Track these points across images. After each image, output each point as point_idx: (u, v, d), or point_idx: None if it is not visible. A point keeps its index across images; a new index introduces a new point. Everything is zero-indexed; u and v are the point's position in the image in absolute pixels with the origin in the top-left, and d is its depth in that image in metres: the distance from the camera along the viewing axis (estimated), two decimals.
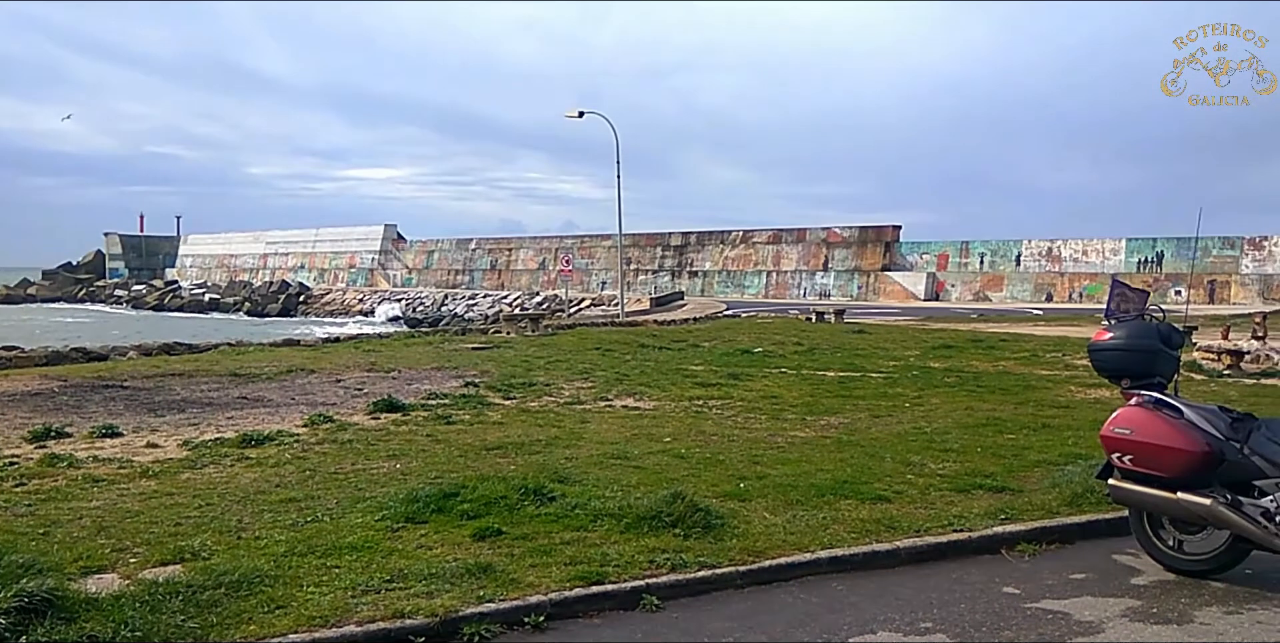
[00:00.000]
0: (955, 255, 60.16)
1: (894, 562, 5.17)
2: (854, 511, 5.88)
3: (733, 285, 67.78)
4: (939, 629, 4.27)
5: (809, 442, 8.21)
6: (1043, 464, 7.21)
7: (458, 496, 5.87)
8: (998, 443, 8.17)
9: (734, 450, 7.76)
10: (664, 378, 12.87)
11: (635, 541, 5.15)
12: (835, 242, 64.39)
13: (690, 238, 72.21)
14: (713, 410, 10.08)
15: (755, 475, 6.78)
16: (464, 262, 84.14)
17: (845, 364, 15.08)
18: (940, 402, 10.82)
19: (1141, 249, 52.85)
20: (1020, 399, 11.09)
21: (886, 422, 9.38)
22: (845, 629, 4.27)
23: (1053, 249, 56.35)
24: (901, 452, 7.72)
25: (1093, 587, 4.88)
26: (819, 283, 63.85)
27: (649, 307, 46.62)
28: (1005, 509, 5.93)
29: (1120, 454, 5.13)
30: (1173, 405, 5.10)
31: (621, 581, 4.62)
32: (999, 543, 5.50)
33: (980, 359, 16.33)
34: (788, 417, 9.65)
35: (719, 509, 5.68)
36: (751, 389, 11.79)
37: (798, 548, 5.14)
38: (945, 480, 6.70)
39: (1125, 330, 5.48)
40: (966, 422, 9.34)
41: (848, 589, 4.79)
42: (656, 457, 7.44)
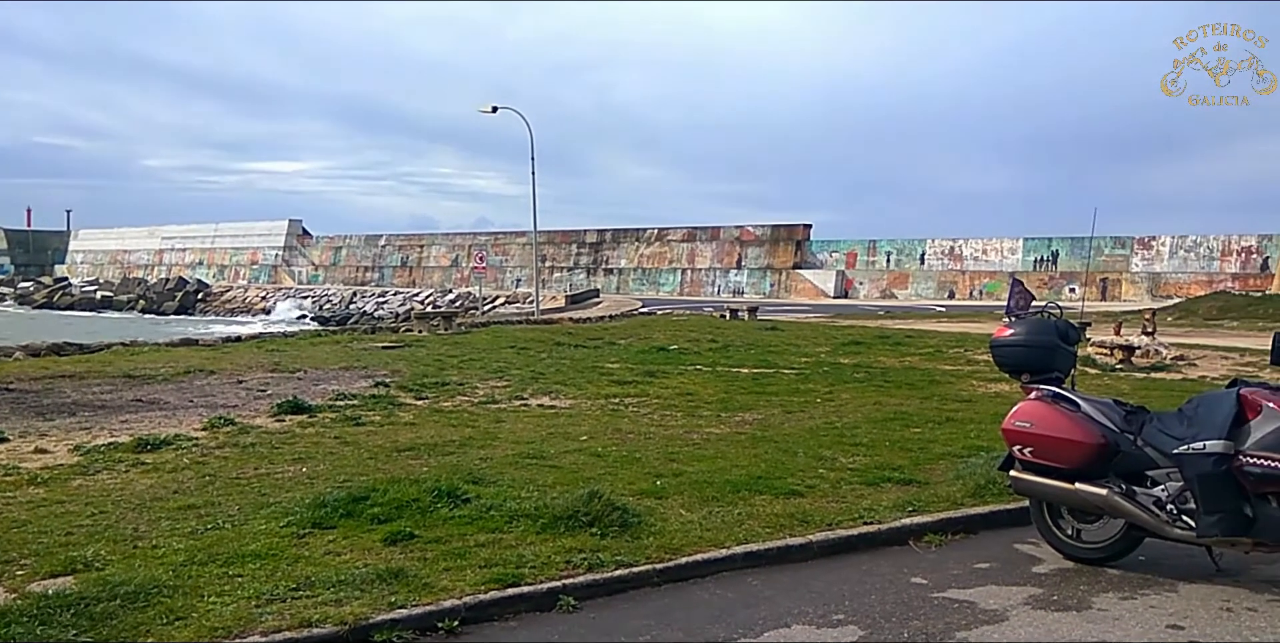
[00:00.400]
0: (863, 254, 61.68)
1: (807, 555, 5.25)
2: (768, 506, 5.95)
3: (648, 283, 68.06)
4: (850, 621, 4.35)
5: (724, 438, 8.28)
6: (947, 457, 7.43)
7: (368, 499, 5.72)
8: (905, 437, 8.39)
9: (651, 448, 7.77)
10: (580, 376, 12.82)
11: (552, 541, 5.11)
12: (748, 240, 65.29)
13: (606, 235, 72.24)
14: (629, 408, 10.08)
15: (672, 473, 6.80)
16: (373, 258, 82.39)
17: (759, 361, 15.28)
18: (850, 397, 11.06)
19: (1038, 248, 55.05)
20: (925, 394, 11.42)
21: (799, 417, 9.54)
22: (760, 624, 4.31)
23: (955, 248, 58.27)
24: (814, 447, 7.85)
25: (996, 576, 5.05)
26: (733, 280, 64.65)
27: (564, 304, 46.45)
28: (913, 501, 6.08)
29: (1021, 447, 5.31)
30: (1070, 399, 5.31)
31: (538, 582, 4.57)
32: (907, 534, 5.63)
33: (888, 355, 16.76)
34: (703, 414, 9.72)
35: (636, 508, 5.67)
36: (667, 386, 11.84)
37: (714, 544, 5.17)
38: (856, 474, 6.84)
39: (1025, 327, 5.69)
40: (875, 416, 9.57)
41: (762, 584, 4.84)
42: (573, 456, 7.40)
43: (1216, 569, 5.06)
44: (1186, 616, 4.44)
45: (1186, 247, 50.10)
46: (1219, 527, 4.65)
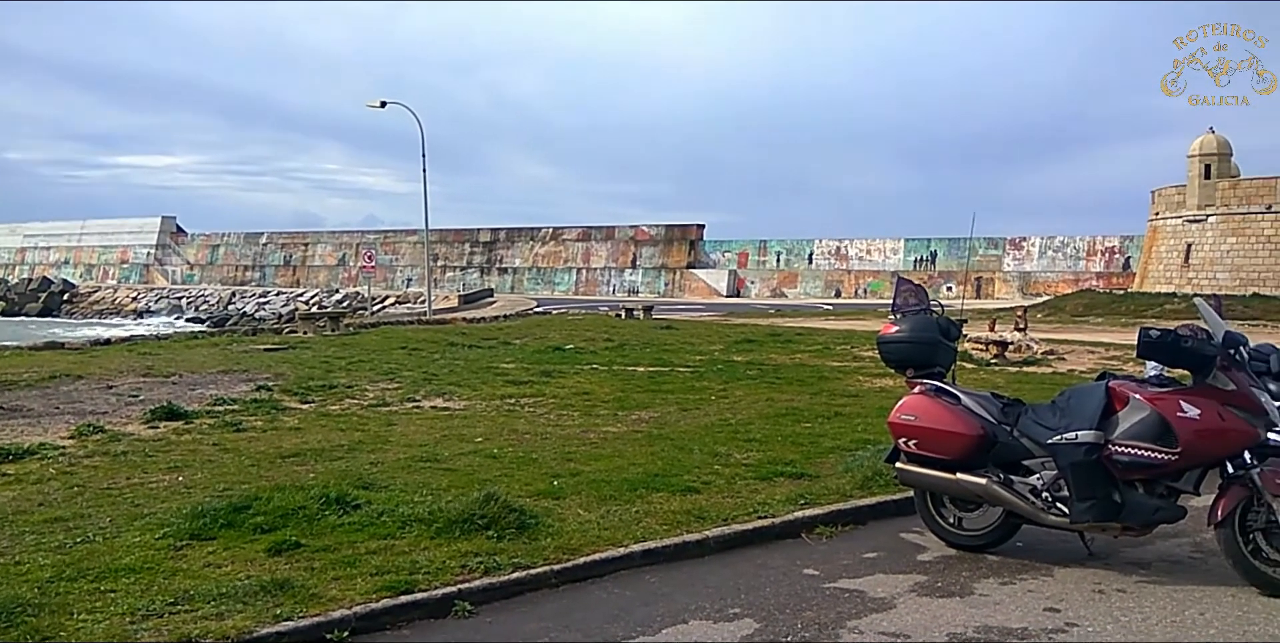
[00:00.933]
0: (754, 254, 62.89)
1: (704, 551, 5.30)
2: (665, 503, 5.97)
3: (543, 282, 67.69)
4: (746, 614, 4.41)
5: (621, 437, 8.29)
6: (837, 450, 7.62)
7: (250, 508, 5.48)
8: (796, 432, 8.57)
9: (547, 448, 7.71)
10: (474, 377, 12.64)
11: (447, 546, 5.00)
12: (643, 240, 65.69)
13: (500, 234, 71.50)
14: (525, 409, 9.99)
15: (569, 473, 6.76)
16: (254, 257, 79.33)
17: (654, 359, 15.38)
18: (744, 394, 11.24)
19: (918, 249, 57.23)
20: (815, 389, 11.71)
21: (694, 414, 9.63)
22: (658, 621, 4.32)
23: (841, 248, 60.03)
24: (709, 443, 7.94)
25: (884, 565, 5.20)
26: (628, 280, 64.93)
27: (458, 304, 45.75)
28: (804, 495, 6.22)
29: (906, 439, 5.49)
30: (951, 393, 5.52)
31: (432, 588, 4.46)
32: (800, 527, 5.75)
33: (779, 352, 17.12)
34: (600, 412, 9.71)
35: (533, 509, 5.62)
36: (564, 386, 11.78)
37: (612, 543, 5.16)
38: (750, 469, 6.95)
39: (909, 324, 5.88)
40: (768, 412, 9.75)
41: (660, 581, 4.86)
42: (468, 458, 7.27)
43: (1089, 553, 5.34)
44: (1062, 598, 4.66)
45: (1055, 247, 52.95)
46: (1091, 513, 4.91)
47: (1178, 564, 5.24)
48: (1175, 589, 4.79)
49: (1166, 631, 4.22)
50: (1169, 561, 5.31)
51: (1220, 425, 4.78)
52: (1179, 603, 4.58)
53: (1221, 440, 4.80)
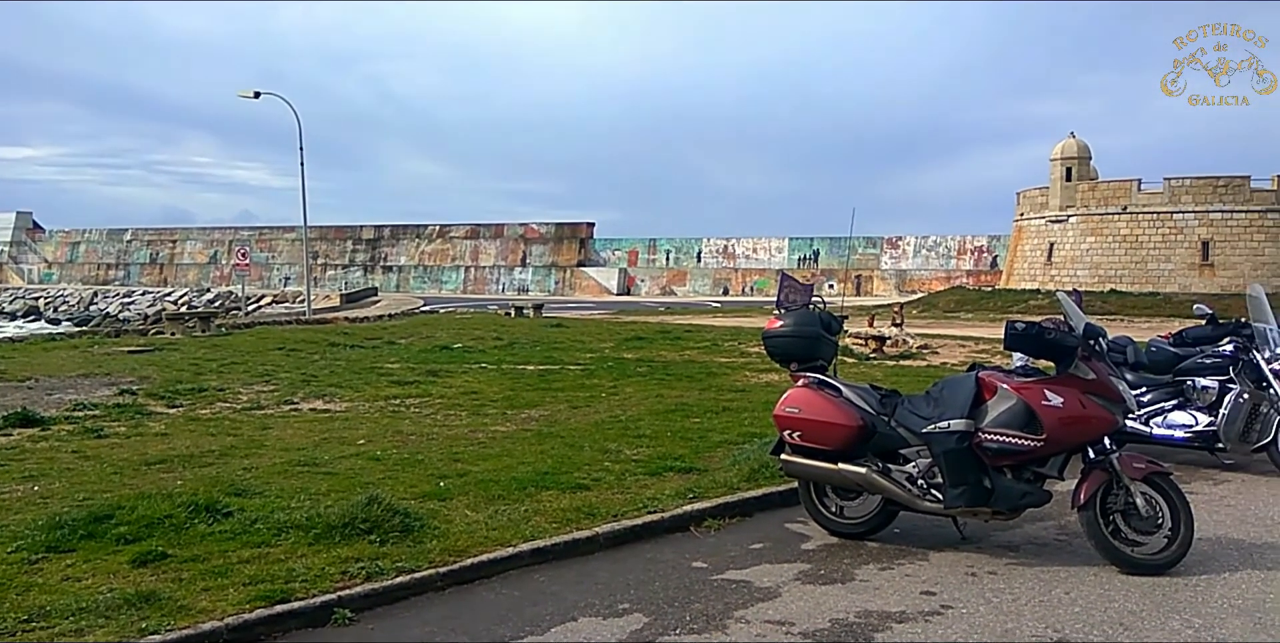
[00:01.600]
0: (644, 252, 63.32)
1: (594, 548, 5.27)
2: (555, 501, 5.92)
3: (430, 281, 66.41)
4: (636, 609, 4.40)
5: (510, 436, 8.19)
6: (724, 444, 7.72)
7: (112, 518, 5.16)
8: (685, 427, 8.64)
9: (434, 449, 7.54)
10: (357, 377, 12.27)
11: (326, 552, 4.82)
12: (533, 238, 65.25)
13: (384, 231, 69.76)
14: (410, 409, 9.75)
15: (456, 473, 6.62)
16: (118, 255, 75.13)
17: (544, 357, 15.28)
18: (634, 391, 11.27)
19: (801, 248, 58.75)
20: (704, 385, 11.85)
21: (585, 412, 9.60)
22: (547, 620, 4.27)
23: (728, 247, 61.06)
24: (599, 440, 7.92)
25: (770, 555, 5.29)
26: (517, 278, 64.37)
27: (340, 303, 44.39)
28: (693, 489, 6.27)
29: (790, 431, 5.60)
30: (833, 385, 5.66)
31: (310, 596, 4.29)
32: (689, 521, 5.79)
33: (668, 349, 17.27)
34: (489, 412, 9.57)
35: (418, 511, 5.48)
36: (451, 386, 11.56)
37: (500, 543, 5.07)
38: (640, 465, 6.96)
39: (793, 319, 6.00)
40: (657, 408, 9.80)
41: (550, 579, 4.81)
42: (349, 461, 7.04)
43: (961, 538, 5.57)
44: (937, 582, 4.84)
45: (928, 246, 55.24)
46: (963, 498, 5.11)
47: (1044, 546, 5.51)
48: (1043, 570, 5.04)
49: (1035, 610, 4.43)
50: (1036, 543, 5.58)
51: (1082, 413, 5.05)
52: (1046, 583, 4.82)
53: (1083, 427, 5.06)
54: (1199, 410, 7.57)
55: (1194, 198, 36.04)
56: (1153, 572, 4.91)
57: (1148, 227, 36.81)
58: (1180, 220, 36.17)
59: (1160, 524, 5.00)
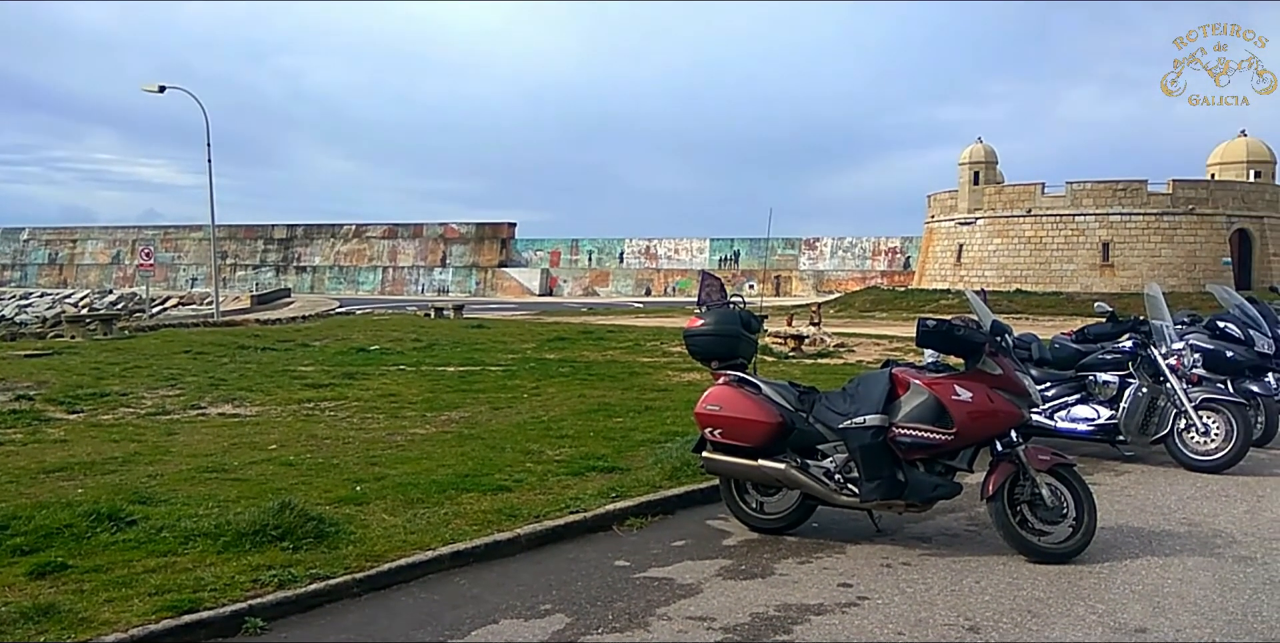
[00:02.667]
0: (566, 253, 63.16)
1: (515, 549, 5.22)
2: (476, 503, 5.85)
3: (346, 281, 65.01)
4: (558, 609, 4.38)
5: (430, 438, 8.06)
6: (647, 443, 7.74)
7: (8, 528, 4.91)
8: (608, 427, 8.64)
9: (350, 453, 7.37)
10: (268, 381, 11.92)
11: (236, 560, 4.67)
12: (453, 237, 64.43)
13: (297, 231, 68.00)
14: (325, 413, 9.52)
15: (373, 477, 6.49)
16: (14, 255, 71.54)
17: (465, 359, 15.09)
18: (556, 391, 11.22)
19: (722, 248, 59.38)
20: (626, 385, 11.87)
21: (506, 413, 9.52)
22: (467, 623, 4.22)
23: (651, 247, 61.34)
24: (521, 441, 7.86)
25: (691, 552, 5.33)
26: (437, 279, 63.49)
27: (250, 305, 43.11)
28: (616, 488, 6.26)
29: (712, 429, 5.65)
30: (753, 383, 5.73)
31: (220, 605, 4.14)
32: (611, 520, 5.79)
33: (591, 349, 17.25)
34: (407, 414, 9.40)
35: (333, 516, 5.34)
36: (368, 388, 11.33)
37: (418, 547, 4.99)
38: (562, 466, 6.93)
39: (713, 318, 6.05)
40: (580, 408, 9.78)
41: (470, 582, 4.75)
42: (261, 466, 6.83)
43: (877, 530, 5.69)
44: (854, 574, 4.94)
45: (845, 247, 56.44)
46: (878, 492, 5.23)
47: (955, 537, 5.68)
48: (954, 560, 5.19)
49: (947, 599, 4.55)
50: (948, 534, 5.74)
51: (990, 407, 5.21)
52: (957, 573, 4.96)
53: (991, 421, 5.23)
54: (1100, 404, 7.89)
55: (1094, 201, 37.65)
56: (1058, 560, 5.10)
57: (1051, 229, 38.31)
58: (1082, 223, 37.74)
59: (1065, 514, 5.20)
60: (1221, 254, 36.68)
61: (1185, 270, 35.82)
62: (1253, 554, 5.28)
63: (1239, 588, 4.70)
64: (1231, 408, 7.64)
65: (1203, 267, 35.84)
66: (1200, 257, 36.47)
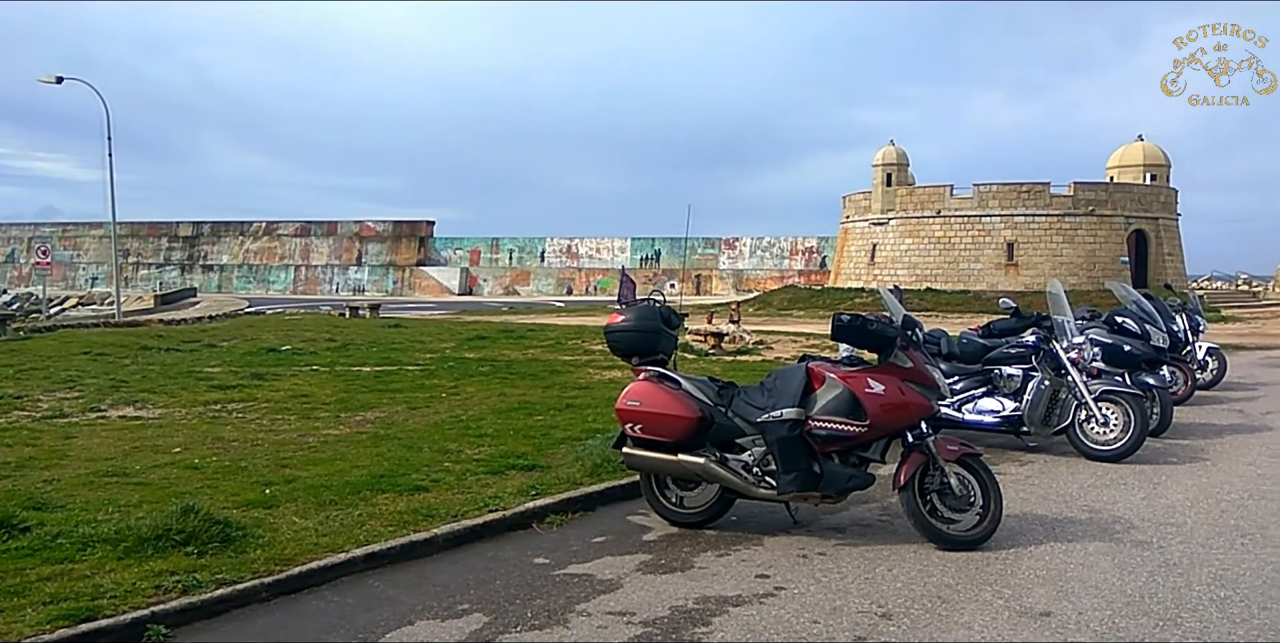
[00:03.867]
0: (487, 251, 62.52)
1: (432, 549, 5.14)
2: (391, 504, 5.73)
3: (256, 281, 63.13)
4: (476, 609, 4.32)
5: (344, 439, 7.88)
6: (568, 441, 7.71)
7: None
8: (528, 425, 8.57)
9: (259, 455, 7.15)
10: (172, 382, 11.48)
11: (138, 566, 4.48)
12: (369, 236, 63.14)
13: (204, 228, 65.76)
14: (233, 415, 9.21)
15: (284, 479, 6.30)
16: None
17: (381, 358, 14.81)
18: (476, 390, 11.09)
19: (643, 247, 59.58)
20: (547, 383, 11.80)
21: (424, 413, 9.36)
22: (382, 625, 4.13)
23: (572, 246, 61.17)
24: (439, 441, 7.74)
25: (611, 548, 5.32)
26: (353, 278, 62.15)
27: (154, 305, 41.50)
28: (536, 486, 6.22)
29: (632, 424, 5.65)
30: (673, 378, 5.76)
31: (120, 613, 3.96)
32: (531, 518, 5.74)
33: (511, 348, 17.10)
34: (320, 415, 9.17)
35: (241, 520, 5.18)
36: (279, 389, 11.01)
37: (331, 549, 4.86)
38: (481, 465, 6.85)
39: (634, 314, 6.06)
40: (500, 407, 9.68)
41: (385, 584, 4.65)
42: (164, 470, 6.57)
43: (794, 522, 5.78)
44: (771, 565, 5.00)
45: (763, 247, 57.24)
46: (795, 484, 5.30)
47: (869, 527, 5.80)
48: (867, 549, 5.29)
49: (861, 587, 4.64)
50: (862, 524, 5.86)
51: (901, 399, 5.33)
52: (870, 561, 5.07)
53: (903, 413, 5.35)
54: (1006, 397, 8.16)
55: (1000, 203, 38.97)
56: (966, 547, 5.26)
57: (959, 229, 39.51)
58: (988, 223, 39.02)
59: (973, 503, 5.36)
60: (1120, 254, 38.37)
61: (1085, 269, 37.36)
62: (1149, 539, 5.52)
63: (1137, 571, 4.91)
64: (1129, 400, 7.98)
65: (1102, 266, 37.44)
66: (1100, 256, 38.08)
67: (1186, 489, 6.80)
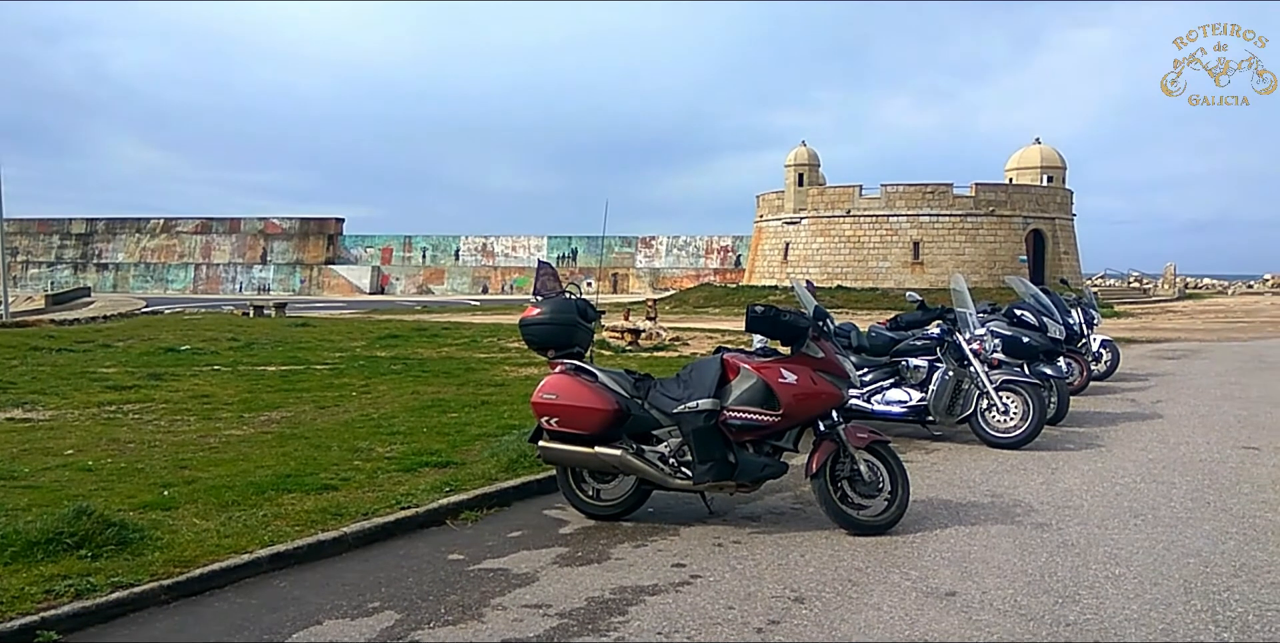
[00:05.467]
0: (399, 249, 61.39)
1: (342, 549, 5.00)
2: (299, 504, 5.57)
3: (154, 280, 60.71)
4: (387, 607, 4.22)
5: (247, 439, 7.62)
6: (483, 437, 7.61)
7: None
8: (442, 422, 8.44)
9: (157, 457, 6.86)
10: (64, 383, 10.93)
11: (27, 570, 4.25)
12: (274, 233, 61.33)
13: (98, 225, 62.91)
14: (129, 416, 8.82)
15: (183, 481, 6.06)
16: None
17: (288, 357, 14.39)
18: (387, 388, 10.87)
19: (560, 246, 59.37)
20: (462, 380, 11.64)
21: (333, 411, 9.13)
22: (288, 626, 4.00)
23: (487, 245, 60.55)
24: (349, 439, 7.56)
25: (528, 542, 5.27)
26: (257, 277, 60.27)
27: (45, 305, 39.44)
28: (450, 482, 6.12)
29: (548, 418, 5.61)
30: (589, 371, 5.74)
31: (6, 620, 3.75)
32: (445, 514, 5.65)
33: (425, 347, 16.83)
34: (222, 416, 8.85)
35: (138, 522, 4.96)
36: (178, 390, 10.60)
37: (234, 551, 4.69)
38: (393, 462, 6.71)
39: (550, 307, 6.02)
40: (413, 405, 9.51)
41: (291, 584, 4.51)
42: (55, 473, 6.25)
43: (710, 512, 5.82)
44: (687, 554, 5.03)
45: (679, 246, 57.65)
46: (710, 474, 5.34)
47: (782, 515, 5.89)
48: (781, 536, 5.37)
49: (774, 573, 4.71)
50: (776, 512, 5.94)
51: (813, 389, 5.43)
52: (784, 548, 5.14)
53: (815, 402, 5.44)
54: (912, 388, 8.40)
55: (906, 203, 40.08)
56: (875, 532, 5.38)
57: (868, 228, 40.50)
58: (895, 223, 40.10)
59: (881, 489, 5.48)
60: (1019, 253, 39.89)
61: (987, 267, 38.71)
62: (1048, 521, 5.74)
63: (1036, 552, 5.09)
64: (1028, 389, 8.29)
65: (1002, 264, 38.84)
66: (1000, 255, 39.52)
67: (1083, 474, 7.10)
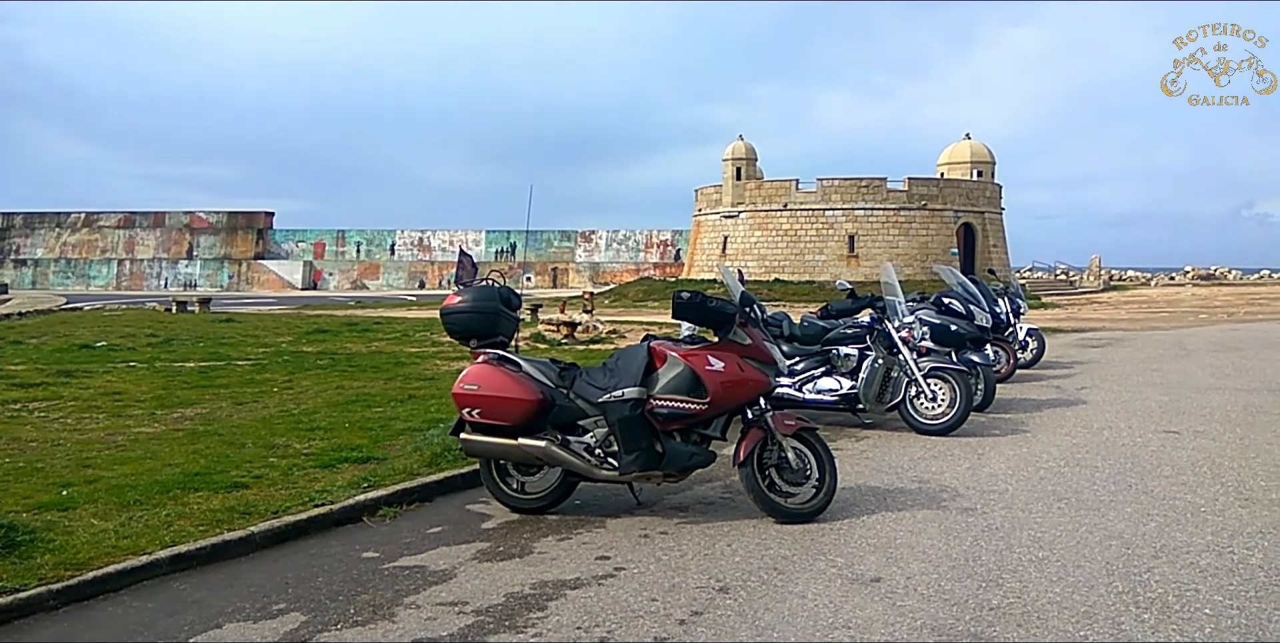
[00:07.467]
0: (332, 244, 60.19)
1: (248, 549, 4.77)
2: (205, 502, 5.31)
3: (76, 276, 58.58)
4: (293, 608, 4.02)
5: (157, 437, 7.28)
6: (408, 432, 7.39)
7: None
8: (366, 417, 8.19)
9: (59, 456, 6.51)
10: None
11: None
12: (201, 227, 59.64)
13: (15, 220, 60.42)
14: (34, 414, 8.39)
15: (85, 480, 5.74)
16: None
17: (208, 353, 13.90)
18: (311, 383, 10.54)
19: (499, 240, 58.81)
20: (390, 375, 11.36)
21: (251, 408, 8.80)
22: (185, 630, 3.77)
23: (424, 239, 59.70)
24: (265, 436, 7.28)
25: (448, 538, 5.10)
26: (183, 272, 58.55)
27: None
28: (369, 478, 5.91)
29: (470, 409, 5.43)
30: (513, 361, 5.57)
31: None
32: (361, 511, 5.44)
33: (354, 342, 16.44)
34: (133, 413, 8.47)
35: (30, 524, 4.67)
36: (89, 387, 10.13)
37: (132, 552, 4.43)
38: (310, 459, 6.46)
39: (472, 295, 5.83)
40: (336, 400, 9.22)
41: (192, 587, 4.27)
42: None
43: (637, 503, 5.71)
44: (612, 547, 4.90)
45: (619, 240, 57.53)
46: (637, 464, 5.22)
47: (710, 505, 5.80)
48: (708, 526, 5.28)
49: (700, 563, 4.61)
50: (704, 502, 5.85)
51: (740, 376, 5.34)
52: (711, 538, 5.05)
53: (742, 389, 5.36)
54: (843, 376, 8.40)
55: (841, 197, 40.53)
56: (803, 519, 5.32)
57: (805, 222, 40.86)
58: (831, 217, 40.53)
59: (809, 476, 5.43)
60: (950, 246, 40.64)
61: (919, 260, 39.36)
62: (974, 506, 5.75)
63: (962, 536, 5.09)
64: (955, 376, 8.35)
65: (934, 257, 39.51)
66: (932, 248, 40.20)
67: (1008, 459, 7.16)
